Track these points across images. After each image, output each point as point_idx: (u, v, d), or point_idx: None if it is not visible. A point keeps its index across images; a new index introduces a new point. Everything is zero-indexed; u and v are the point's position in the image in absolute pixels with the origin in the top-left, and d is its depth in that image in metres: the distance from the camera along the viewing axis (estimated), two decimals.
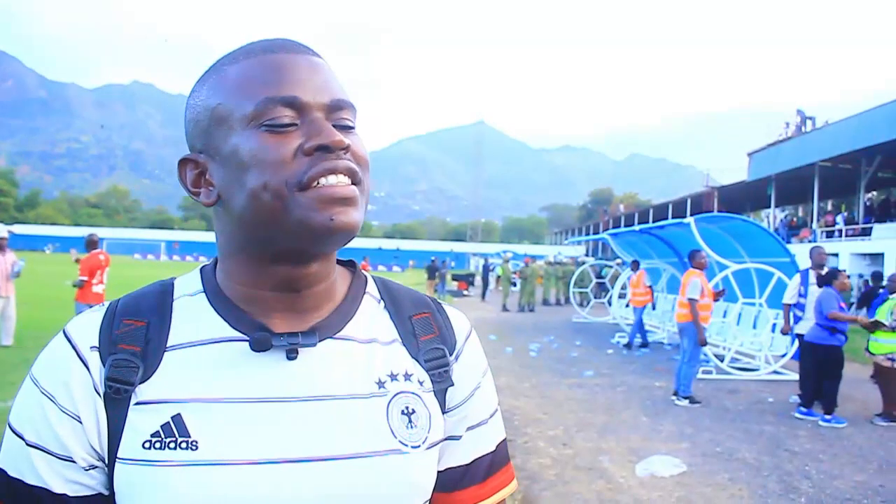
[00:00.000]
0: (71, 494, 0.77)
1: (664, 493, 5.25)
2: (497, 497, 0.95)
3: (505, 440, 0.99)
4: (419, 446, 0.84)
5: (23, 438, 0.77)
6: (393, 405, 0.84)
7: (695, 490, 5.32)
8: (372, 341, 0.87)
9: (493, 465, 0.95)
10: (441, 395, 0.90)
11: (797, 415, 7.82)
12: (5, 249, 10.73)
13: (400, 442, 0.82)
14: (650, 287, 14.61)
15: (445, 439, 0.91)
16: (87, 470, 0.77)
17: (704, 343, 8.87)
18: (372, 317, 0.90)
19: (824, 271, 8.54)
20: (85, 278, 9.36)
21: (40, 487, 0.76)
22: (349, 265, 0.95)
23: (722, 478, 5.64)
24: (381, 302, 0.93)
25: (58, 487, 0.77)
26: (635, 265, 14.91)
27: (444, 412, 0.90)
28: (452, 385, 0.91)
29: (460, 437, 0.93)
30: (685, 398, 8.52)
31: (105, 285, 9.57)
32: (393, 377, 0.86)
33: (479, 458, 0.94)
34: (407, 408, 0.85)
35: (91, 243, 9.82)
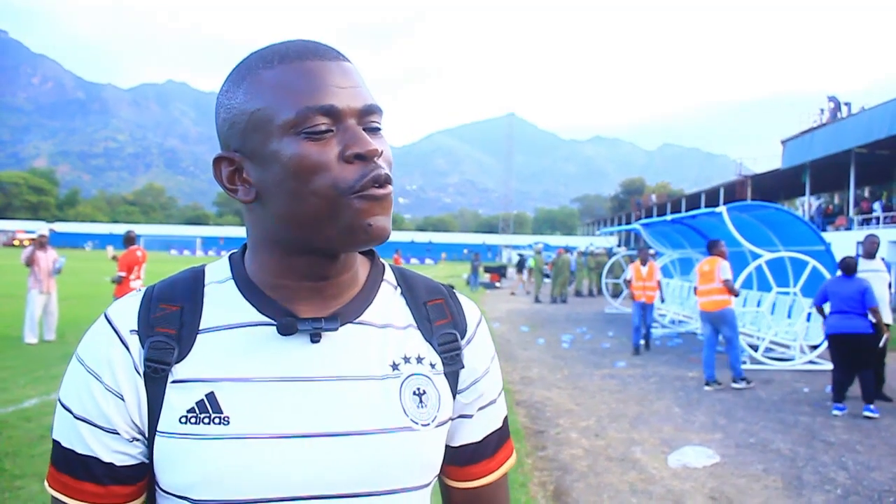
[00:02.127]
0: (118, 464, 0.85)
1: (697, 483, 5.23)
2: (504, 468, 1.05)
3: (507, 416, 1.07)
4: (429, 424, 0.91)
5: (71, 412, 0.85)
6: (405, 386, 0.91)
7: (728, 481, 5.29)
8: (388, 326, 0.94)
9: (500, 439, 1.05)
10: (453, 377, 0.97)
11: (867, 413, 7.32)
12: (47, 247, 11.01)
13: (411, 420, 0.90)
14: (658, 281, 12.61)
15: (459, 418, 1.00)
16: (130, 441, 0.85)
17: (737, 293, 9.40)
18: (389, 303, 0.97)
19: (876, 258, 8.40)
20: (123, 274, 9.58)
21: (90, 456, 0.85)
22: (368, 254, 1.01)
23: (756, 469, 5.60)
24: (398, 288, 1.00)
25: (105, 457, 0.85)
26: (644, 255, 12.70)
27: (456, 392, 0.98)
28: (463, 367, 0.98)
29: (472, 416, 1.01)
30: (742, 380, 8.83)
31: (143, 281, 9.78)
32: (406, 360, 0.93)
33: (490, 434, 1.03)
34: (418, 389, 0.92)
35: (129, 240, 10.05)
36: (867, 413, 7.27)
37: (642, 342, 12.07)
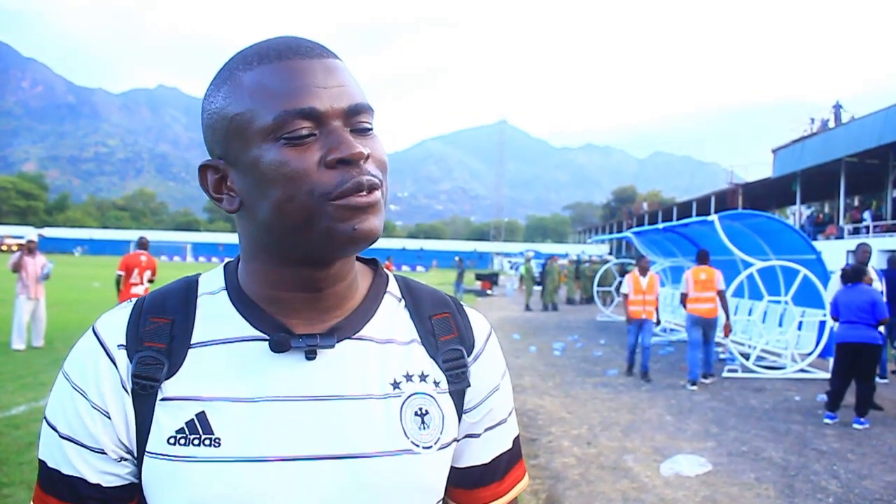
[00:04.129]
0: (105, 485, 0.81)
1: (689, 492, 5.22)
2: (515, 491, 0.99)
3: (518, 435, 1.02)
4: (431, 447, 0.86)
5: (57, 431, 0.81)
6: (406, 406, 0.86)
7: (720, 489, 5.28)
8: (390, 341, 0.89)
9: (510, 461, 0.99)
10: (458, 396, 0.91)
11: (857, 426, 7.30)
12: (35, 252, 10.95)
13: (412, 442, 0.85)
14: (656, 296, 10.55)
15: (465, 438, 0.94)
16: (118, 461, 0.81)
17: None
18: (391, 316, 0.91)
19: (868, 267, 8.39)
20: (122, 273, 9.89)
21: (76, 478, 0.81)
22: (371, 263, 0.96)
23: (748, 477, 5.59)
24: (402, 301, 0.94)
25: (92, 478, 0.81)
26: (643, 265, 10.51)
27: (462, 412, 0.92)
28: (469, 386, 0.93)
29: (479, 436, 0.95)
30: (711, 375, 9.73)
31: (146, 286, 9.81)
32: (408, 378, 0.88)
33: (498, 456, 0.97)
34: (420, 409, 0.87)
35: (140, 245, 10.50)
36: (857, 425, 7.26)
37: (635, 368, 10.34)
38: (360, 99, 0.81)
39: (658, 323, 11.14)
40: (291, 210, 0.76)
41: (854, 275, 7.67)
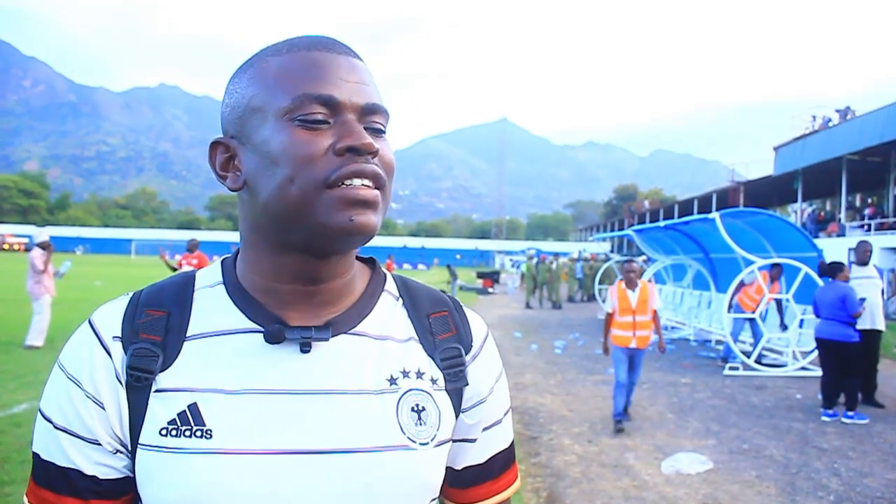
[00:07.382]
0: (101, 477, 0.81)
1: (690, 490, 5.22)
2: (509, 491, 0.99)
3: (513, 438, 1.02)
4: (427, 444, 0.85)
5: (51, 422, 0.81)
6: (403, 402, 0.85)
7: (721, 487, 5.28)
8: (387, 338, 0.88)
9: (506, 461, 0.99)
10: (456, 395, 0.91)
11: (845, 420, 7.37)
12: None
13: (408, 438, 0.84)
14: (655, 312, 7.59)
15: (462, 440, 0.94)
16: (113, 453, 0.81)
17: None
18: (389, 314, 0.91)
19: (869, 265, 8.40)
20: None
21: (72, 469, 0.80)
22: (369, 262, 0.96)
23: (749, 475, 5.59)
24: (400, 299, 0.94)
25: (88, 469, 0.80)
26: (630, 275, 7.40)
27: (459, 411, 0.92)
28: (467, 385, 0.92)
29: (476, 438, 0.95)
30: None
31: None
32: (405, 374, 0.87)
33: (495, 455, 0.97)
34: (417, 405, 0.86)
35: (195, 246, 11.68)
36: (846, 420, 7.30)
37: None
38: (378, 100, 0.82)
39: (663, 351, 7.90)
40: (292, 194, 0.77)
41: (830, 270, 7.74)
